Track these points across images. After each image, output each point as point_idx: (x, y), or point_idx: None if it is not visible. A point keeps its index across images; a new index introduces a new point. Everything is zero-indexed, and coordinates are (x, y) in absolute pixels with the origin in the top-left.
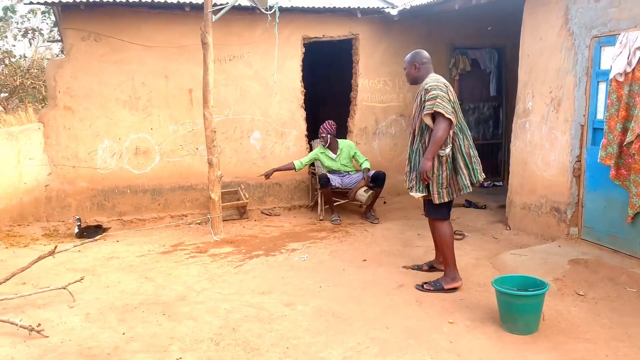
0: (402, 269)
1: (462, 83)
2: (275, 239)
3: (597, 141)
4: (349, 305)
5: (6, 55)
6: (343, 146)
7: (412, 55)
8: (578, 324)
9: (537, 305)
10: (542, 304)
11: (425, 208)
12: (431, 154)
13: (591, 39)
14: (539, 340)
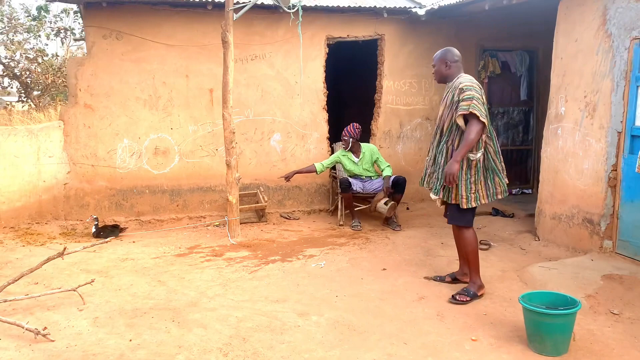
0: (424, 279)
1: (491, 86)
2: (293, 244)
3: (635, 149)
4: (366, 318)
5: (39, 54)
6: (366, 150)
7: (443, 52)
8: (612, 347)
9: (567, 325)
10: (572, 324)
11: (448, 215)
12: (460, 156)
13: (631, 41)
14: None
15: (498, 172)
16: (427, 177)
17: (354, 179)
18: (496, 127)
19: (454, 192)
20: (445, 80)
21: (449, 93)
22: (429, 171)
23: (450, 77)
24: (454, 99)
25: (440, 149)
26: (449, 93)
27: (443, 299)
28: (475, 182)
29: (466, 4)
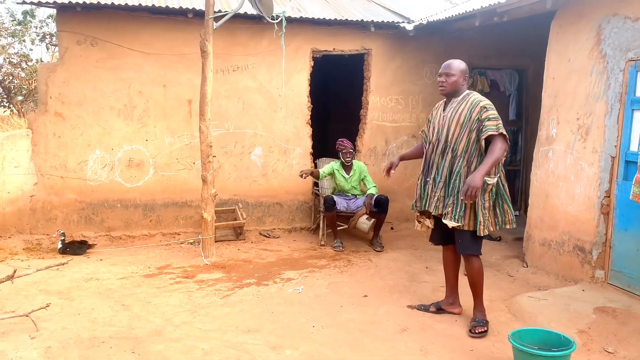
0: (407, 308)
1: None
2: (270, 265)
3: (629, 175)
4: (344, 352)
5: (23, 59)
6: (356, 167)
7: (463, 63)
8: None
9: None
10: None
11: (460, 243)
12: (485, 170)
13: (626, 63)
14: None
15: (507, 199)
16: (432, 201)
17: (339, 197)
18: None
19: (472, 218)
20: (454, 94)
21: (459, 109)
22: (437, 194)
23: (460, 92)
24: (472, 117)
25: (457, 172)
26: (459, 109)
27: (426, 331)
28: (488, 208)
29: (456, 20)
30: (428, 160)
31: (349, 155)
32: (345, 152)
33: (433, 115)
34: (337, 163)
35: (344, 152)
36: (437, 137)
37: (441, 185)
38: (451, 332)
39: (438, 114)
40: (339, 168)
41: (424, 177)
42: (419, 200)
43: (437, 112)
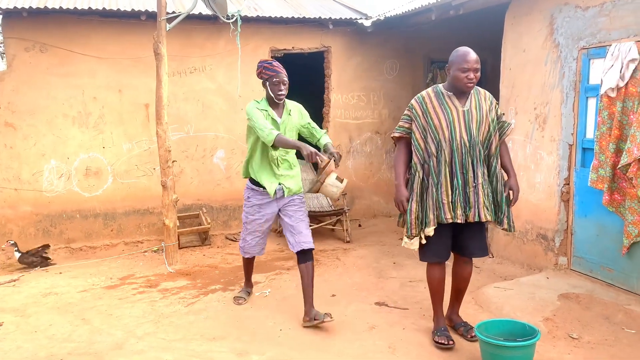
0: (375, 305)
1: None
2: (237, 269)
3: (587, 162)
4: (312, 354)
5: None
6: (292, 108)
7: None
8: None
9: (527, 356)
10: (532, 355)
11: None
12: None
13: (579, 51)
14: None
15: None
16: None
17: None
18: None
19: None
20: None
21: (481, 104)
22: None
23: None
24: (491, 114)
25: (494, 172)
26: (481, 104)
27: (395, 328)
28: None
29: (412, 15)
30: (452, 162)
31: (275, 79)
32: (278, 82)
33: (436, 109)
34: (256, 102)
35: (274, 80)
36: (465, 135)
37: (481, 188)
38: (419, 326)
39: (451, 109)
40: (265, 107)
41: (451, 180)
42: (450, 210)
43: (447, 106)
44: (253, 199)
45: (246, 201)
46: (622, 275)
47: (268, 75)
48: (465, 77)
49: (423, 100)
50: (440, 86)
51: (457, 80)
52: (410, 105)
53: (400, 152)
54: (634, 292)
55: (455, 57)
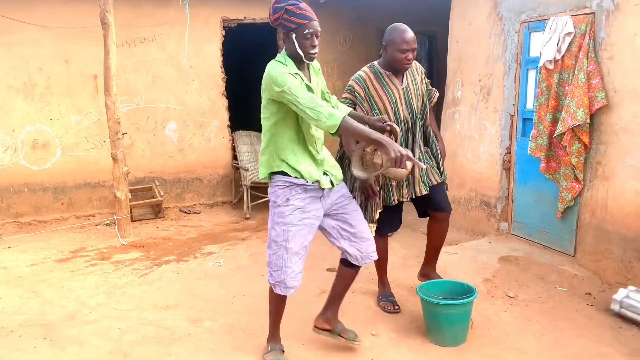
0: (327, 272)
1: None
2: (191, 241)
3: (527, 132)
4: (264, 319)
5: None
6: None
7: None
8: (508, 332)
9: (464, 314)
10: (470, 312)
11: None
12: None
13: (520, 24)
14: (467, 352)
15: None
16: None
17: None
18: None
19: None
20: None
21: (415, 79)
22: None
23: None
24: (423, 86)
25: (433, 141)
26: (415, 79)
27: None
28: None
29: None
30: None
31: (317, 39)
32: (311, 34)
33: (378, 92)
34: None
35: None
36: (407, 113)
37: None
38: (367, 290)
39: (392, 89)
40: (296, 69)
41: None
42: (397, 191)
43: (389, 87)
44: (295, 199)
45: (281, 207)
46: (557, 238)
47: (296, 23)
48: (404, 57)
49: (364, 82)
50: (376, 65)
51: (396, 61)
52: (351, 87)
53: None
54: (567, 254)
55: (393, 37)
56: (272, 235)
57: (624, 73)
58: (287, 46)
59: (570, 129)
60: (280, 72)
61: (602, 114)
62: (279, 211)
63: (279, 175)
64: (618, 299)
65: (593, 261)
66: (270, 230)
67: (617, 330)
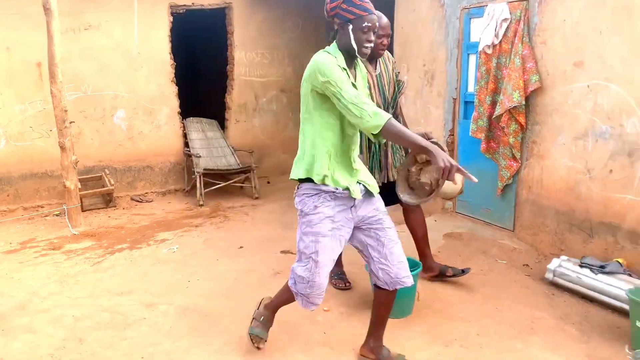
0: (280, 254)
1: None
2: (144, 229)
3: (468, 115)
4: (219, 301)
5: None
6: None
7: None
8: (452, 303)
9: (410, 287)
10: (415, 285)
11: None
12: None
13: (461, 11)
14: (414, 323)
15: None
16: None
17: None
18: None
19: None
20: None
21: (388, 67)
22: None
23: None
24: (394, 74)
25: None
26: (388, 67)
27: None
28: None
29: None
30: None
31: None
32: (369, 28)
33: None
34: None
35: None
36: (380, 100)
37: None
38: None
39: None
40: (344, 64)
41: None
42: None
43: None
44: (323, 207)
45: (309, 215)
46: (498, 214)
47: (355, 14)
48: (379, 42)
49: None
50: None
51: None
52: None
53: None
54: (507, 229)
55: None
56: (300, 247)
57: (555, 57)
58: (340, 38)
59: (508, 111)
60: (328, 62)
61: (537, 96)
62: (308, 220)
63: (306, 183)
64: (552, 268)
65: (530, 235)
66: (299, 241)
67: (551, 297)
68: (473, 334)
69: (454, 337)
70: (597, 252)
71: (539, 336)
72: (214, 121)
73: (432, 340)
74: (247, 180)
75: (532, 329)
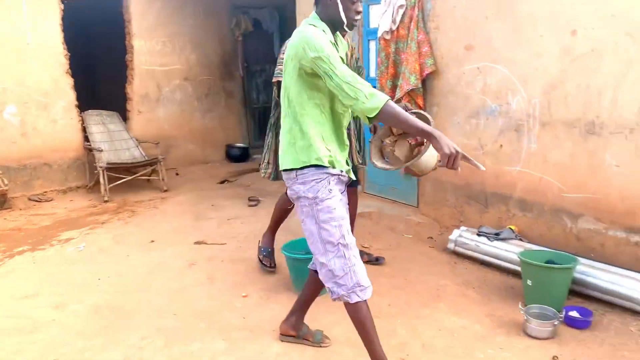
0: (194, 245)
1: (246, 44)
2: (45, 229)
3: None
4: (133, 296)
5: None
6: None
7: None
8: None
9: None
10: None
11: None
12: None
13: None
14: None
15: None
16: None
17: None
18: (256, 85)
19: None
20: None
21: (348, 44)
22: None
23: None
24: (351, 59)
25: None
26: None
27: (214, 262)
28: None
29: None
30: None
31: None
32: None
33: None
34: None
35: None
36: None
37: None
38: (236, 257)
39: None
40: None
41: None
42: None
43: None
44: (336, 191)
45: (326, 200)
46: (404, 192)
47: None
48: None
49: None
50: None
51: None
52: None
53: None
54: (412, 205)
55: None
56: (324, 238)
57: (448, 41)
58: (324, 8)
59: (407, 94)
60: (318, 36)
61: (433, 79)
62: (325, 206)
63: (310, 169)
64: (453, 239)
65: (433, 209)
66: (320, 233)
67: (453, 265)
68: (385, 305)
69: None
70: (492, 221)
71: (445, 302)
72: (115, 113)
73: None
74: (154, 172)
75: (439, 296)
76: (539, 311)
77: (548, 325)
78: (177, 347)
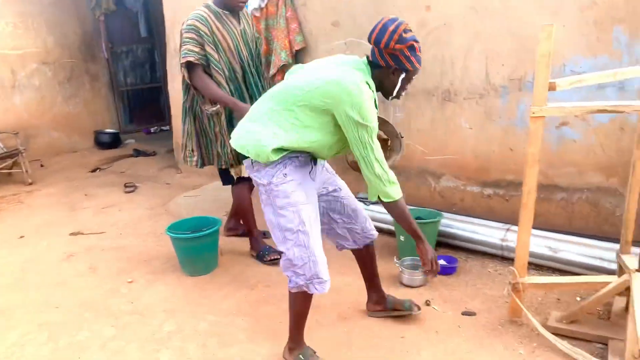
0: (70, 236)
1: (109, 24)
2: None
3: None
4: (7, 296)
5: None
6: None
7: None
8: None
9: (213, 243)
10: (217, 241)
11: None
12: None
13: None
14: (219, 275)
15: None
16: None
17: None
18: (123, 67)
19: None
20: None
21: (247, 21)
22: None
23: None
24: (252, 30)
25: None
26: (247, 21)
27: (93, 251)
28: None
29: None
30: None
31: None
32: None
33: (220, 30)
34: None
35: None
36: (247, 54)
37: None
38: (118, 245)
39: (233, 29)
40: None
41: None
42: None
43: (229, 26)
44: (292, 174)
45: (281, 185)
46: None
47: (414, 67)
48: None
49: (207, 21)
50: (212, 5)
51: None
52: (194, 27)
53: (204, 77)
54: None
55: None
56: (282, 225)
57: (316, 17)
58: (380, 74)
59: (281, 70)
60: (370, 105)
61: (304, 55)
62: (281, 191)
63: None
64: None
65: None
66: (277, 220)
67: None
68: (275, 275)
69: (257, 281)
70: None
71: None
72: None
73: (238, 287)
74: (15, 165)
75: None
76: (411, 262)
77: (419, 274)
78: (63, 339)
